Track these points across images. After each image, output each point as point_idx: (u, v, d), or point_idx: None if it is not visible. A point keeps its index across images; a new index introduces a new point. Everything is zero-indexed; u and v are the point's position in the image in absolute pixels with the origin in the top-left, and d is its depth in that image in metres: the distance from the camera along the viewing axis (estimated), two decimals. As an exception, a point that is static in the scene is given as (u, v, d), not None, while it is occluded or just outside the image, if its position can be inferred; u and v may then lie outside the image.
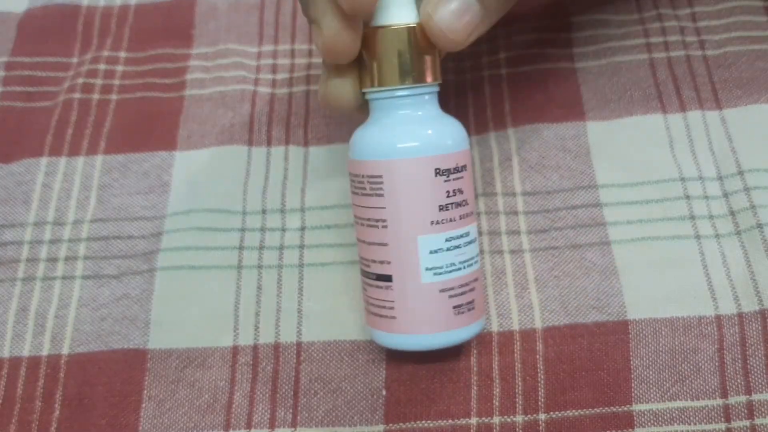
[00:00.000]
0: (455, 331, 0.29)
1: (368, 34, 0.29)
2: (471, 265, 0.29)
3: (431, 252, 0.28)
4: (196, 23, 0.43)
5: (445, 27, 0.29)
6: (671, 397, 0.30)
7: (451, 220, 0.29)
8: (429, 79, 0.29)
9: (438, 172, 0.28)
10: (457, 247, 0.29)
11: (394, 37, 0.29)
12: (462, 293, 0.29)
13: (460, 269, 0.29)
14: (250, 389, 0.32)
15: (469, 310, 0.29)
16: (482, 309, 0.30)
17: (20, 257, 0.35)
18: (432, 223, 0.28)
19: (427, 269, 0.28)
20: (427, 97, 0.30)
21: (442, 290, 0.29)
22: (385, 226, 0.29)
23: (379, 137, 0.29)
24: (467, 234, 0.29)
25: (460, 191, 0.29)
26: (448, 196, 0.29)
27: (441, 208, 0.28)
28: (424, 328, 0.29)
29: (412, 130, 0.29)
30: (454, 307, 0.29)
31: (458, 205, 0.29)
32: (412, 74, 0.29)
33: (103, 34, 0.43)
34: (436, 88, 0.30)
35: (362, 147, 0.29)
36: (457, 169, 0.29)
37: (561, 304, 0.32)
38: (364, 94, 0.30)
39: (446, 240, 0.29)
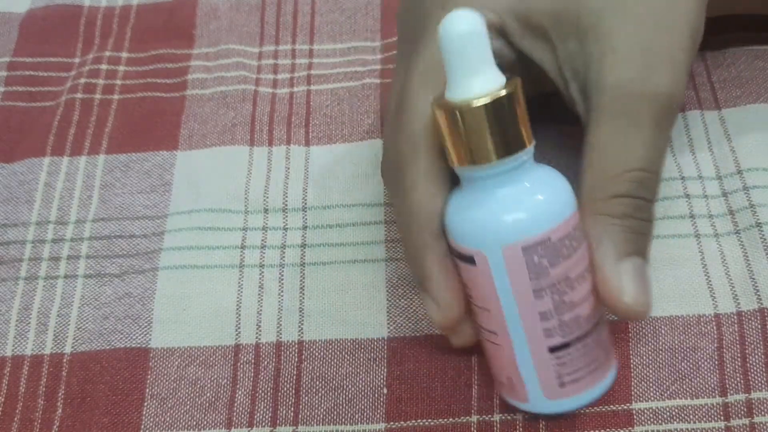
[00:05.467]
0: None
1: (455, 110, 0.25)
2: None
3: None
4: (197, 23, 0.43)
5: (637, 305, 0.26)
6: (671, 396, 0.30)
7: None
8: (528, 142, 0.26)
9: None
10: None
11: (488, 111, 0.25)
12: None
13: None
14: (251, 387, 0.32)
15: None
16: None
17: (23, 256, 0.35)
18: None
19: None
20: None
21: None
22: (589, 271, 0.27)
23: (549, 199, 0.26)
24: None
25: None
26: None
27: None
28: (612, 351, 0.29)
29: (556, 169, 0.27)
30: None
31: None
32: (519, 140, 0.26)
33: (105, 34, 0.43)
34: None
35: (542, 213, 0.26)
36: None
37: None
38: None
39: None
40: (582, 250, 0.27)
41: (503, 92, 0.25)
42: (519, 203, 0.26)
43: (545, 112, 0.31)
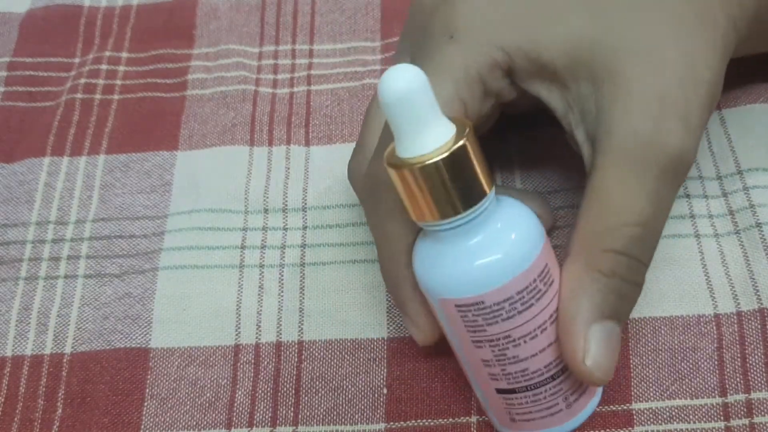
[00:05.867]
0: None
1: (410, 169, 0.24)
2: None
3: None
4: (197, 23, 0.43)
5: (598, 370, 0.25)
6: (670, 396, 0.30)
7: None
8: (488, 189, 0.25)
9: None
10: None
11: (443, 168, 0.23)
12: None
13: None
14: (251, 387, 0.32)
15: None
16: None
17: (23, 256, 0.35)
18: None
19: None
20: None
21: None
22: (553, 321, 0.26)
23: (511, 248, 0.25)
24: None
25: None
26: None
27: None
28: (596, 390, 0.29)
29: (514, 222, 0.26)
30: None
31: None
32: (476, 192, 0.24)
33: (105, 34, 0.43)
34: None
35: (498, 269, 0.25)
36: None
37: (561, 303, 0.32)
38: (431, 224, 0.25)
39: None
40: (535, 309, 0.26)
41: (458, 144, 0.23)
42: (459, 262, 0.25)
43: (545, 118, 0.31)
